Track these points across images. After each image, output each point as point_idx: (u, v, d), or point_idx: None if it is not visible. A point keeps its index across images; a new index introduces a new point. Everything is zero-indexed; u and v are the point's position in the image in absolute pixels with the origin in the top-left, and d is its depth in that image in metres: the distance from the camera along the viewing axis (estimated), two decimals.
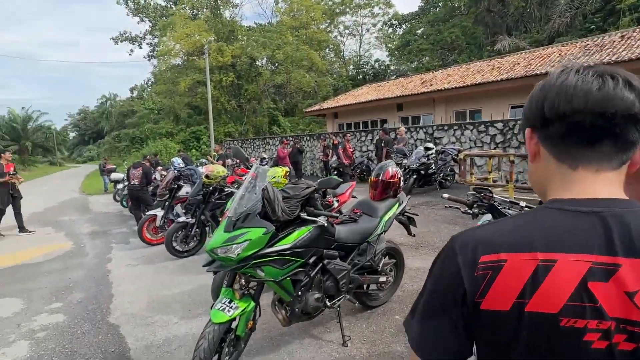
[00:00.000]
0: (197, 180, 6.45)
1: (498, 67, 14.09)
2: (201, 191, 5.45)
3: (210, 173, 5.45)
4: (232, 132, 29.92)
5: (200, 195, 5.43)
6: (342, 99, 20.68)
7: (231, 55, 27.68)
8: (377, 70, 43.83)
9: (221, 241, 2.38)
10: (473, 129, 10.76)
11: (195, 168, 6.66)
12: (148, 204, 7.79)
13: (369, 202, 3.38)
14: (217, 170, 5.54)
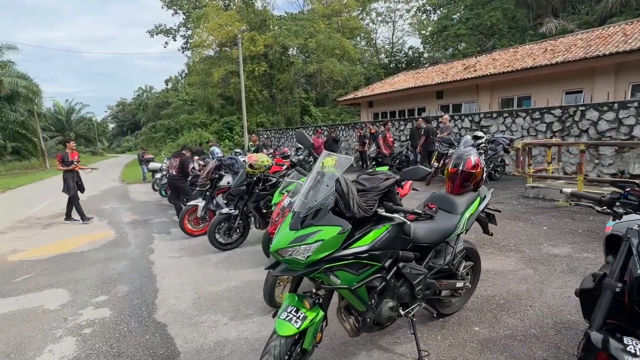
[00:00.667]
0: (239, 170, 6.20)
1: (551, 50, 13.02)
2: (245, 181, 5.18)
3: (254, 162, 5.16)
4: (264, 122, 29.89)
5: (244, 186, 5.16)
6: (377, 87, 20.01)
7: (263, 44, 27.47)
8: (411, 58, 42.47)
9: (287, 241, 2.03)
10: (526, 116, 9.94)
11: (237, 157, 6.43)
12: (187, 193, 7.66)
13: (446, 196, 2.94)
14: (262, 159, 5.24)
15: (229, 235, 5.37)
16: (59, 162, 8.01)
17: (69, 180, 8.01)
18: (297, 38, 27.49)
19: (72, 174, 8.13)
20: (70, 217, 8.40)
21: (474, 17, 33.97)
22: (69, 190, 8.07)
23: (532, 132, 9.76)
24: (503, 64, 14.07)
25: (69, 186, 8.05)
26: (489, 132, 10.72)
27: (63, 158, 8.02)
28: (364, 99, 20.00)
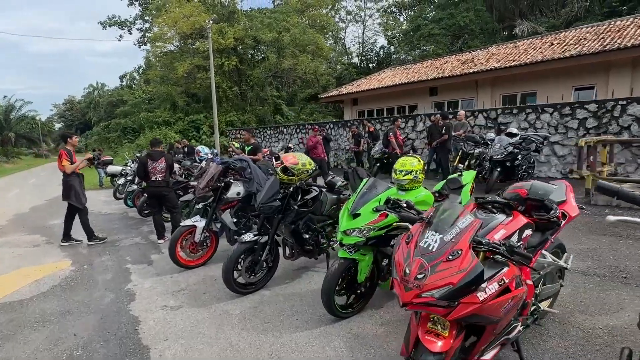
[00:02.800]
0: (251, 177, 4.52)
1: (559, 44, 12.29)
2: (278, 194, 3.52)
3: (292, 166, 3.54)
4: (233, 121, 27.80)
5: (277, 201, 3.50)
6: (363, 84, 18.73)
7: (233, 37, 25.43)
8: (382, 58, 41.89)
9: None
10: (554, 112, 8.95)
11: (248, 159, 4.73)
12: (173, 206, 5.85)
13: None
14: (302, 160, 3.62)
15: (253, 272, 3.68)
16: (66, 160, 5.98)
17: (75, 186, 6.05)
18: (271, 32, 25.69)
19: (78, 179, 6.17)
20: (71, 238, 6.36)
21: (447, 17, 33.83)
22: (79, 200, 6.08)
23: (562, 130, 8.80)
24: (506, 58, 13.23)
25: (77, 194, 6.07)
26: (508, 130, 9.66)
27: (69, 155, 6.04)
28: (348, 95, 18.66)
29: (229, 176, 4.64)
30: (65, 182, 6.07)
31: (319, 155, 9.35)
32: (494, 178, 7.44)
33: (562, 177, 8.92)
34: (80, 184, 6.24)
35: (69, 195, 6.04)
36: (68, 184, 6.04)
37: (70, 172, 5.99)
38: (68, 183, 6.04)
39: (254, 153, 7.57)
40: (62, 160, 6.01)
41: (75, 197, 6.03)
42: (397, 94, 16.50)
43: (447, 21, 33.94)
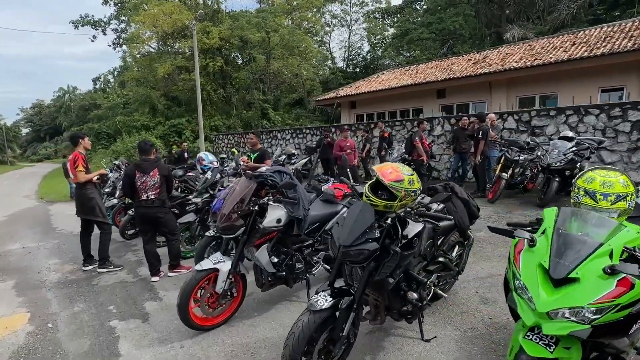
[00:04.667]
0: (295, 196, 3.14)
1: (583, 42, 11.48)
2: (373, 231, 2.17)
3: (395, 184, 2.20)
4: (218, 125, 26.20)
5: (374, 241, 2.14)
6: (362, 86, 17.59)
7: (219, 37, 23.91)
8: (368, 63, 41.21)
9: None
10: (600, 113, 7.97)
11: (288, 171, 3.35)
12: (171, 231, 4.42)
13: None
14: (408, 175, 2.28)
15: (330, 355, 2.29)
16: (82, 166, 4.83)
17: (96, 199, 5.02)
18: (259, 31, 24.31)
19: (97, 190, 5.18)
20: (109, 262, 5.14)
21: (437, 21, 33.39)
22: (105, 215, 5.13)
23: (610, 133, 7.83)
24: (524, 57, 12.34)
25: (102, 208, 5.10)
26: (544, 134, 8.65)
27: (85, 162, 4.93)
28: (346, 98, 17.46)
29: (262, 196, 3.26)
30: (83, 194, 4.90)
31: (351, 162, 8.10)
32: (553, 190, 6.31)
33: None
34: (100, 195, 5.30)
35: (92, 211, 4.92)
36: (87, 196, 4.88)
37: (85, 182, 4.86)
38: (87, 195, 4.89)
39: (260, 161, 6.18)
40: (78, 166, 4.77)
41: (100, 212, 5.02)
42: (401, 96, 15.42)
43: (437, 25, 33.52)
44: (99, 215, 4.98)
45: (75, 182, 4.94)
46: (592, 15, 27.87)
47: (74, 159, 4.83)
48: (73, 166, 4.82)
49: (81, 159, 4.84)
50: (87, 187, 4.91)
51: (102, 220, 5.02)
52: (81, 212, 5.04)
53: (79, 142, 4.96)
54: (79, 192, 4.94)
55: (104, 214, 5.06)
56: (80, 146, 4.96)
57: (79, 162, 4.80)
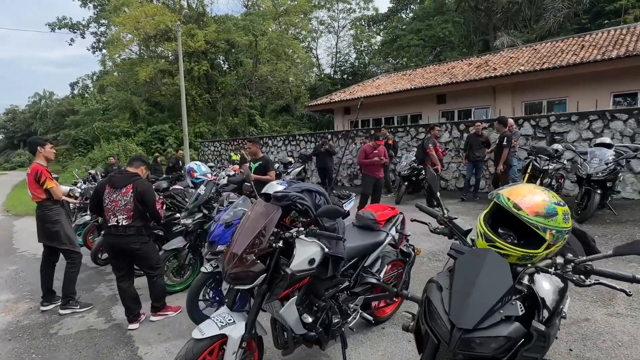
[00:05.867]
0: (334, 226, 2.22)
1: (593, 45, 10.99)
2: (511, 303, 1.28)
3: (545, 223, 1.32)
4: (203, 132, 25.05)
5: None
6: (357, 90, 16.85)
7: (204, 40, 22.88)
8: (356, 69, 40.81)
9: None
10: (628, 118, 7.35)
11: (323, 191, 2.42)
12: (151, 266, 3.45)
13: None
14: (560, 205, 1.41)
15: None
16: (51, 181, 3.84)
17: (62, 221, 3.96)
18: (247, 34, 23.39)
19: (63, 210, 4.08)
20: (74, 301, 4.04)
21: (426, 28, 33.19)
22: (73, 242, 4.06)
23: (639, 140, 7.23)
24: (528, 61, 11.79)
25: (69, 233, 4.02)
26: (565, 141, 7.99)
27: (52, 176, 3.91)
28: (340, 104, 16.67)
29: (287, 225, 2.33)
30: (44, 216, 3.85)
31: (378, 176, 6.73)
32: (596, 204, 5.56)
33: None
34: (69, 218, 4.18)
35: (56, 236, 3.90)
36: (49, 218, 3.84)
37: (47, 200, 3.85)
38: (49, 217, 3.84)
39: (263, 172, 5.24)
40: (46, 181, 3.76)
41: (67, 238, 3.97)
42: (398, 101, 14.72)
43: (426, 32, 33.34)
44: (65, 242, 3.95)
45: (38, 201, 3.90)
46: (577, 24, 28.10)
47: (34, 175, 3.78)
48: (33, 183, 3.79)
49: (45, 173, 3.81)
50: (50, 206, 3.88)
51: (69, 249, 3.98)
52: (43, 237, 4.00)
53: (38, 151, 3.91)
54: (40, 213, 3.89)
55: (71, 241, 4.02)
56: (40, 156, 3.91)
57: (43, 177, 3.77)
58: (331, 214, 2.07)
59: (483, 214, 1.55)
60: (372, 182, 6.59)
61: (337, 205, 2.56)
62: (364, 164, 6.63)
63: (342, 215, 2.10)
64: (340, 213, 2.06)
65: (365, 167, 6.64)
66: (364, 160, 6.56)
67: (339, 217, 2.12)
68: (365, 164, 6.60)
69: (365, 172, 6.67)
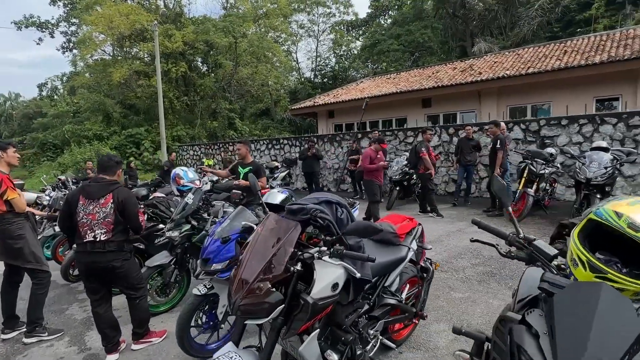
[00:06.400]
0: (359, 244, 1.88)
1: (575, 51, 11.14)
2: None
3: None
4: (181, 135, 24.26)
5: None
6: (341, 94, 16.62)
7: (182, 41, 22.19)
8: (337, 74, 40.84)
9: None
10: (617, 122, 7.37)
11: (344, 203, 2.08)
12: (132, 285, 3.04)
13: None
14: None
15: None
16: (13, 191, 3.31)
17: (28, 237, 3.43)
18: (226, 36, 22.84)
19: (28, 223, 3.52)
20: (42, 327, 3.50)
21: (406, 33, 33.50)
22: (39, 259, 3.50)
23: (630, 144, 7.24)
24: (512, 65, 11.86)
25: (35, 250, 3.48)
26: (555, 145, 7.96)
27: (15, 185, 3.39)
28: (324, 107, 16.39)
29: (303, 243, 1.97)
30: (6, 230, 3.31)
31: (380, 181, 6.52)
32: None
33: None
34: (35, 232, 3.60)
35: (19, 254, 3.37)
36: (13, 233, 3.31)
37: (8, 212, 3.32)
38: (13, 232, 3.32)
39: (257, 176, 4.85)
40: (7, 191, 3.25)
41: (33, 255, 3.43)
42: (383, 105, 14.56)
43: (406, 37, 33.66)
44: (31, 259, 3.43)
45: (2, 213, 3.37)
46: (549, 32, 29.00)
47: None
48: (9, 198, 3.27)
49: (6, 181, 3.30)
50: (12, 220, 3.36)
51: (35, 267, 3.46)
52: (4, 254, 3.46)
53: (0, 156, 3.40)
54: (1, 227, 3.33)
55: (37, 258, 3.49)
56: (1, 162, 3.39)
57: (3, 186, 3.25)
58: (365, 232, 1.74)
59: (576, 234, 1.26)
60: (379, 188, 6.37)
61: None
62: (369, 170, 6.35)
63: (377, 233, 1.76)
64: (376, 230, 1.73)
65: (370, 173, 6.37)
66: (370, 166, 6.28)
67: (374, 235, 1.78)
68: (372, 170, 6.33)
69: (370, 177, 6.39)
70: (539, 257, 1.42)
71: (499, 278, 4.06)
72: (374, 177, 6.35)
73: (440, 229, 6.25)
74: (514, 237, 1.55)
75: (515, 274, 4.14)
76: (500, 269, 4.30)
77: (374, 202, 6.37)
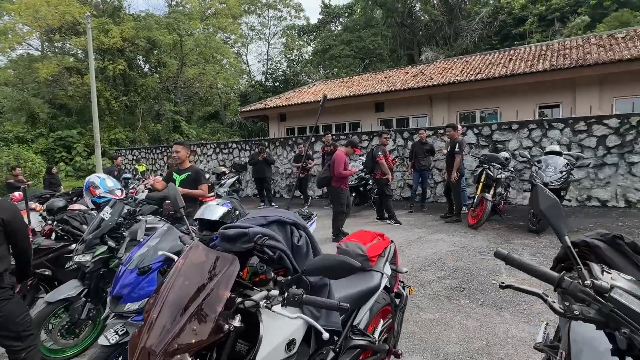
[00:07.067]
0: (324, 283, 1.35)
1: (519, 59, 11.53)
2: None
3: None
4: (120, 139, 22.39)
5: None
6: (294, 96, 16.11)
7: (121, 37, 20.51)
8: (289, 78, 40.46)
9: None
10: (564, 127, 7.55)
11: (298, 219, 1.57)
12: (17, 334, 2.26)
13: None
14: None
15: None
16: None
17: None
18: (170, 33, 21.47)
19: None
20: None
21: (357, 39, 33.86)
22: None
23: (576, 149, 7.42)
24: (462, 72, 12.06)
25: None
26: (506, 149, 8.02)
27: None
28: (276, 110, 15.78)
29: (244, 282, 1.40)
30: None
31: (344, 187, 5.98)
32: None
33: (579, 205, 7.50)
34: None
35: None
36: None
37: None
38: None
39: (193, 186, 4.20)
40: None
41: None
42: (336, 108, 14.24)
43: (357, 44, 34.04)
44: None
45: None
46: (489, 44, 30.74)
47: None
48: None
49: None
50: None
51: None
52: None
53: None
54: None
55: None
56: None
57: None
58: (337, 271, 1.20)
59: None
60: (347, 197, 5.91)
61: None
62: (343, 176, 5.83)
63: (355, 272, 1.22)
64: (354, 269, 1.19)
65: (340, 180, 5.84)
66: (345, 172, 5.77)
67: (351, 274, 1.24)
68: (346, 176, 5.83)
69: (339, 185, 5.86)
70: (626, 322, 0.86)
71: (468, 293, 3.72)
72: (344, 185, 5.88)
73: (400, 238, 5.91)
74: (572, 283, 0.98)
75: (484, 287, 3.83)
76: (468, 282, 3.98)
77: (341, 213, 5.89)
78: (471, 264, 4.54)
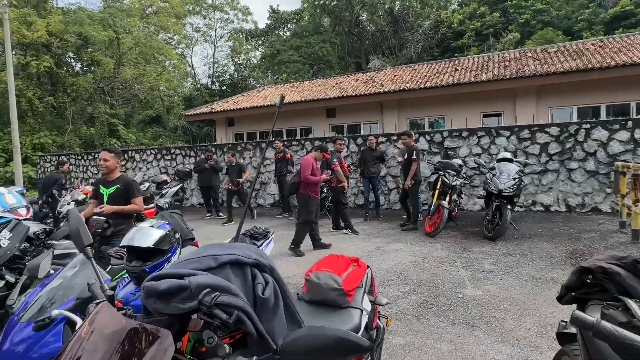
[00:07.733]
0: None
1: (464, 68, 11.94)
2: None
3: None
4: (45, 143, 20.17)
5: None
6: (242, 100, 15.47)
7: (47, 30, 18.54)
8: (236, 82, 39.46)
9: None
10: (511, 135, 7.79)
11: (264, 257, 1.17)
12: None
13: None
14: None
15: None
16: None
17: None
18: (105, 29, 19.81)
19: None
20: None
21: (306, 45, 33.79)
22: None
23: (522, 155, 7.68)
24: (411, 79, 12.25)
25: None
26: (457, 156, 8.14)
27: None
28: (223, 114, 15.04)
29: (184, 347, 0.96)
30: None
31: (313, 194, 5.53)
32: (509, 219, 5.41)
33: (525, 210, 7.75)
34: None
35: None
36: None
37: None
38: None
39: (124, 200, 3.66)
40: None
41: None
42: (287, 113, 13.85)
43: (306, 49, 33.99)
44: None
45: None
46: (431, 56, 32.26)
47: None
48: None
49: None
50: None
51: None
52: None
53: None
54: None
55: None
56: None
57: None
58: (331, 355, 0.80)
59: None
60: (317, 205, 5.49)
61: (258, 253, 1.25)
62: (313, 183, 5.36)
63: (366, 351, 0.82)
64: (361, 348, 0.80)
65: (309, 187, 5.37)
66: (312, 177, 5.30)
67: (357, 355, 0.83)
68: (315, 182, 5.36)
69: (307, 191, 5.40)
70: None
71: (436, 310, 3.49)
72: (312, 192, 5.44)
73: (358, 249, 5.63)
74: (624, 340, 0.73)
75: (452, 302, 3.63)
76: (434, 297, 3.76)
77: (306, 223, 5.47)
78: (434, 276, 4.35)
